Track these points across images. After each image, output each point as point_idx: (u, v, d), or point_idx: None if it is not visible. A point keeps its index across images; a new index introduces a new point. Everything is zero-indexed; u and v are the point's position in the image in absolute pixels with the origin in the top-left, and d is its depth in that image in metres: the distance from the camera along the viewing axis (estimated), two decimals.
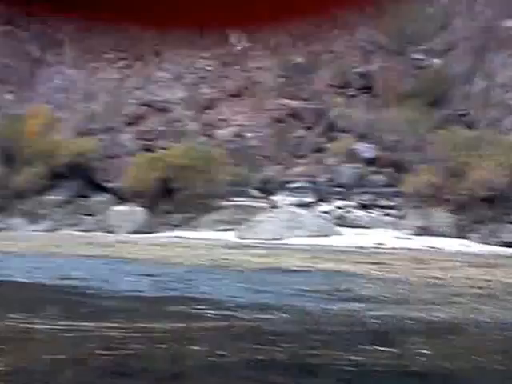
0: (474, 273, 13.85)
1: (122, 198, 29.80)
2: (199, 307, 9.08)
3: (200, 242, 22.46)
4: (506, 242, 22.64)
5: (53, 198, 30.33)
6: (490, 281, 12.42)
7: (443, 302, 9.79)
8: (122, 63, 39.21)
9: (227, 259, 15.96)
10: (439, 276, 12.83)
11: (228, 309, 8.91)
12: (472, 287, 11.57)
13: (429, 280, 12.35)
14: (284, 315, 8.51)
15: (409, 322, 8.15)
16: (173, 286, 11.34)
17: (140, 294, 10.66)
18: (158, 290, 11.06)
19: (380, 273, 13.39)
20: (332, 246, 21.74)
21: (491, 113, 29.26)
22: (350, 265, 14.84)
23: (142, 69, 38.73)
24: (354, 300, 9.76)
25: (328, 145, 30.67)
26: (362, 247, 21.64)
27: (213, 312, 8.68)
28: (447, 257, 18.40)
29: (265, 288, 10.87)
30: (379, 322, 8.19)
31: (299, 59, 35.60)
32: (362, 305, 9.30)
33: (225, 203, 28.27)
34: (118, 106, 36.57)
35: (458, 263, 16.30)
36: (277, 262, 15.19)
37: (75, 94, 37.76)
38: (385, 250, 20.69)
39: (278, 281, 11.87)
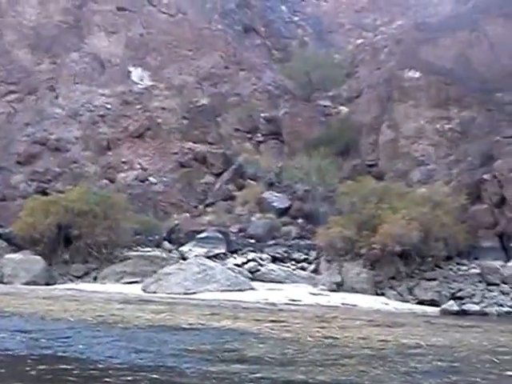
0: (374, 332, 13.84)
1: (16, 244, 28.07)
2: (65, 367, 8.82)
3: (97, 296, 21.46)
4: (422, 300, 23.03)
5: None
6: (386, 341, 12.44)
7: (330, 363, 9.71)
8: (12, 96, 37.51)
9: (117, 315, 15.35)
10: (336, 336, 12.79)
11: (96, 369, 8.67)
12: (365, 348, 11.54)
13: (324, 340, 12.27)
14: (153, 376, 8.32)
15: None
16: (46, 344, 10.82)
17: (6, 352, 10.05)
18: (29, 347, 10.48)
19: (276, 332, 13.17)
20: (242, 301, 21.30)
21: (398, 164, 30.01)
22: (249, 323, 14.63)
23: (34, 104, 37.19)
24: (237, 361, 9.58)
25: (237, 193, 30.44)
26: (273, 303, 21.33)
27: (76, 372, 8.46)
28: (356, 315, 18.33)
29: (146, 347, 10.56)
30: None
31: (204, 101, 35.36)
32: (243, 366, 9.13)
33: (130, 253, 27.24)
34: (7, 144, 34.76)
35: (363, 322, 16.31)
36: (170, 319, 14.85)
37: None
38: (295, 307, 20.44)
39: (164, 340, 11.55)
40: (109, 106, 36.03)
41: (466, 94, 29.06)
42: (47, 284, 25.57)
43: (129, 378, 8.19)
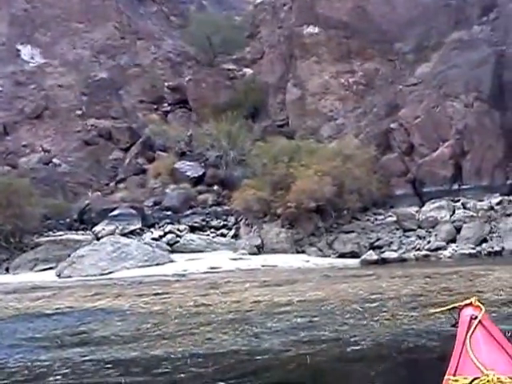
0: (254, 294, 14.23)
1: None
2: None
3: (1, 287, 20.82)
4: (342, 253, 24.31)
5: None
6: (260, 301, 12.77)
7: (180, 334, 9.79)
8: None
9: None
10: (209, 303, 13.07)
11: None
12: (232, 312, 11.76)
13: (193, 309, 12.46)
14: None
15: (110, 365, 8.01)
16: None
17: None
18: None
19: (148, 306, 13.41)
20: (155, 275, 21.53)
21: (308, 122, 31.13)
22: (126, 300, 14.77)
23: None
24: (77, 344, 9.62)
25: (148, 166, 30.86)
26: (183, 275, 21.69)
27: None
28: (260, 277, 18.74)
29: None
30: (73, 369, 7.98)
31: (103, 75, 35.42)
32: (81, 349, 9.13)
33: (41, 239, 27.34)
34: None
35: (255, 284, 16.66)
36: (42, 306, 14.69)
37: None
38: (205, 275, 20.80)
39: (16, 329, 11.48)
40: (0, 89, 35.57)
41: (367, 46, 30.38)
42: None
43: None
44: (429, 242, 24.29)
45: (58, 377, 7.58)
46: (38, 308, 14.34)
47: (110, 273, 23.68)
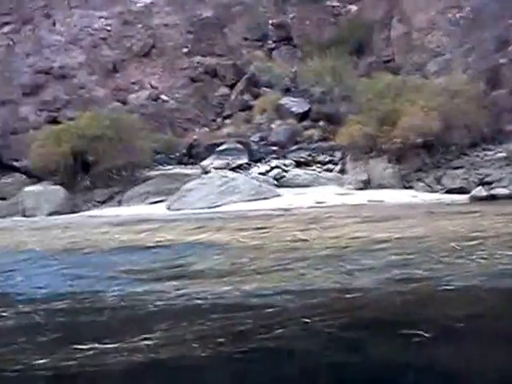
0: (353, 229, 14.17)
1: (34, 176, 29.31)
2: None
3: (100, 220, 21.87)
4: (450, 189, 24.26)
5: None
6: (358, 238, 12.69)
7: (273, 270, 9.85)
8: (7, 28, 38.10)
9: (93, 239, 15.51)
10: (307, 238, 13.03)
11: (20, 302, 8.64)
12: (329, 248, 11.68)
13: (290, 244, 12.49)
14: (64, 305, 8.24)
15: (202, 299, 8.05)
16: None
17: None
18: None
19: (246, 240, 13.46)
20: (261, 209, 21.88)
21: (414, 57, 30.82)
22: (227, 234, 14.87)
23: (31, 33, 37.80)
24: (172, 278, 9.66)
25: (253, 102, 31.36)
26: (287, 209, 21.85)
27: None
28: (365, 212, 18.77)
29: (88, 273, 10.63)
30: (166, 302, 8.05)
31: (208, 13, 35.87)
32: (174, 282, 9.19)
33: (151, 173, 28.42)
34: (11, 76, 35.60)
35: (356, 219, 16.68)
36: (145, 239, 14.99)
37: None
38: (310, 210, 20.94)
39: (115, 262, 11.66)
40: (109, 28, 36.60)
41: None
42: (72, 212, 26.61)
43: (42, 307, 8.05)
44: None
45: (152, 308, 7.77)
46: (140, 241, 14.72)
47: (218, 206, 24.34)
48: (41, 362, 5.84)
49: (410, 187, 24.95)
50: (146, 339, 6.31)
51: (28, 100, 34.30)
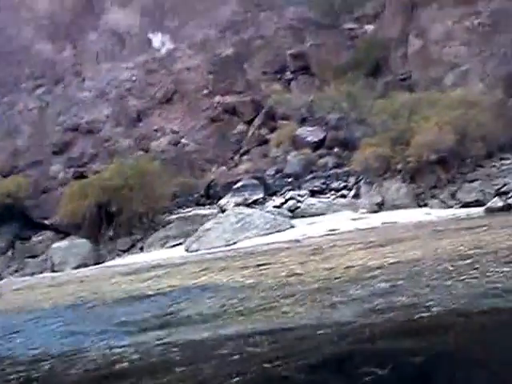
0: (351, 258, 14.01)
1: (62, 232, 29.91)
2: None
3: (119, 269, 22.14)
4: (466, 202, 23.21)
5: None
6: (352, 267, 12.53)
7: (260, 309, 9.87)
8: (40, 90, 39.46)
9: (100, 292, 15.91)
10: (302, 272, 13.02)
11: (9, 365, 8.85)
12: (321, 280, 11.60)
13: (284, 279, 12.43)
14: (50, 364, 8.49)
15: (175, 349, 8.18)
16: None
17: None
18: None
19: (243, 279, 13.51)
20: (275, 242, 21.68)
21: (431, 72, 30.01)
22: (227, 274, 15.01)
23: (62, 92, 38.99)
24: (161, 326, 9.88)
25: (270, 135, 31.17)
26: (297, 240, 21.40)
27: None
28: (371, 236, 18.41)
29: (83, 328, 10.91)
30: (141, 355, 8.17)
31: (228, 51, 36.11)
32: (161, 332, 9.40)
33: (171, 217, 28.49)
34: (43, 137, 36.70)
35: (359, 245, 16.37)
36: (149, 287, 15.17)
37: None
38: (319, 239, 20.46)
39: (112, 314, 12.00)
40: (134, 78, 37.37)
41: None
42: (97, 263, 26.99)
43: (20, 370, 8.27)
44: None
45: (125, 364, 7.86)
46: (143, 290, 14.85)
47: (234, 243, 24.15)
48: None
49: (425, 205, 24.03)
50: None
51: (57, 158, 35.24)
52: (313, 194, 27.11)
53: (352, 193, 26.61)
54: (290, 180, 28.15)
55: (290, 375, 6.19)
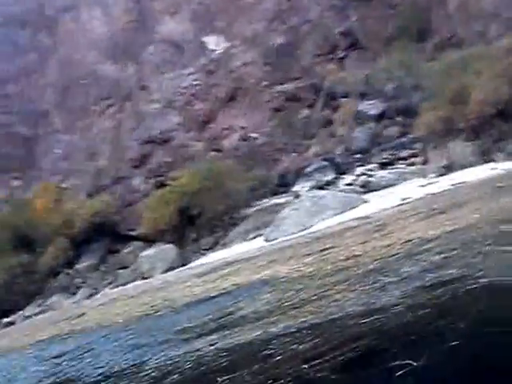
0: (412, 229, 13.60)
1: (148, 240, 31.55)
2: None
3: (202, 269, 22.38)
4: None
5: (85, 264, 32.39)
6: (410, 240, 12.04)
7: (312, 300, 9.70)
8: (112, 110, 41.28)
9: (169, 298, 16.05)
10: (359, 253, 12.62)
11: None
12: (377, 260, 11.26)
13: (342, 264, 12.11)
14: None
15: (225, 352, 8.22)
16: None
17: None
18: None
19: (303, 269, 13.18)
20: (348, 220, 21.62)
21: (474, 26, 29.96)
22: (291, 263, 14.76)
23: (132, 108, 40.69)
24: (217, 329, 9.91)
25: (334, 115, 31.78)
26: (367, 217, 20.79)
27: None
28: (443, 200, 18.40)
29: (146, 339, 11.12)
30: (192, 365, 8.28)
31: (279, 40, 36.87)
32: (216, 335, 9.45)
33: (249, 210, 29.58)
34: (121, 153, 38.52)
35: (422, 215, 15.88)
36: (214, 287, 15.17)
37: (77, 156, 39.98)
38: (390, 211, 20.34)
39: (176, 321, 12.17)
40: (196, 83, 38.63)
41: None
42: (183, 265, 28.26)
43: None
44: None
45: (175, 376, 8.06)
46: (210, 291, 14.81)
47: (310, 227, 24.68)
48: None
49: (492, 160, 24.20)
50: None
51: (137, 171, 36.91)
52: (382, 166, 27.64)
53: (420, 159, 27.00)
54: (358, 156, 28.74)
55: (324, 376, 6.15)
